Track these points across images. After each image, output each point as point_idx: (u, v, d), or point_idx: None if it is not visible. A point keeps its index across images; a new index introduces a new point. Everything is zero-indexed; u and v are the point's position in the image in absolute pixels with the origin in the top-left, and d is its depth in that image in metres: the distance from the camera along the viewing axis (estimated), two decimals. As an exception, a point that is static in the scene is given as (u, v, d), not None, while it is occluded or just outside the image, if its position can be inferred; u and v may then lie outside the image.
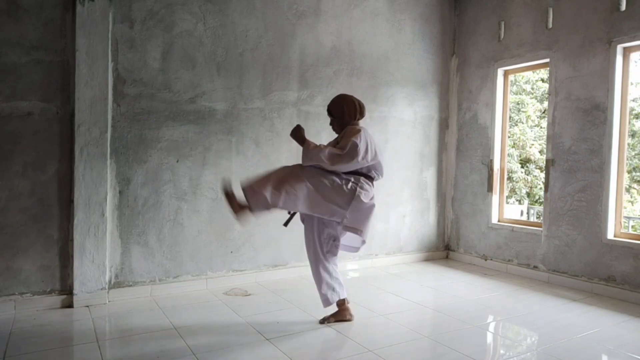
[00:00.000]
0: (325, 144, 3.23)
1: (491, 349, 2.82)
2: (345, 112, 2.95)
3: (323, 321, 3.04)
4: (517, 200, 13.50)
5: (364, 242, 2.98)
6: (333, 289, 3.00)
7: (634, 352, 2.68)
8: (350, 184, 2.82)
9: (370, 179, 2.97)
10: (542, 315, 3.30)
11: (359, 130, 2.86)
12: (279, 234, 4.17)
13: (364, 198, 2.82)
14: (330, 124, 3.07)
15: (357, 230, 2.83)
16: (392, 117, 4.78)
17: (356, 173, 2.89)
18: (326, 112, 3.13)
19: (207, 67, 3.78)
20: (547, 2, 4.24)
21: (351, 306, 3.13)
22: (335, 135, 3.17)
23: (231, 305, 3.40)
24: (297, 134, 2.86)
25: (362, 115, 3.01)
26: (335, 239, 3.02)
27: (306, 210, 2.81)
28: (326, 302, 3.02)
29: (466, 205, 5.06)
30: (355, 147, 2.76)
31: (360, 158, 2.78)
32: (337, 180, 2.80)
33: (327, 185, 2.77)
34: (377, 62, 4.68)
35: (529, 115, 13.86)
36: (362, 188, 2.85)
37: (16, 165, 3.14)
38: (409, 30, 4.89)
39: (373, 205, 2.88)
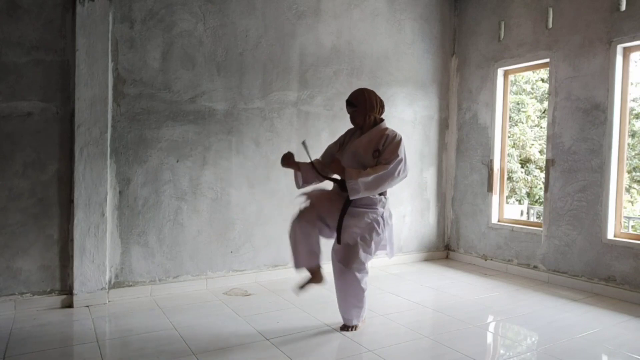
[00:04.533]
0: (326, 144, 3.22)
1: (491, 349, 2.82)
2: (367, 101, 2.85)
3: (302, 287, 2.96)
4: (517, 200, 13.50)
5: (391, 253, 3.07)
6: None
7: (634, 352, 2.68)
8: (372, 215, 2.82)
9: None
10: (542, 315, 3.30)
11: (400, 140, 2.77)
12: (279, 234, 4.17)
13: (390, 220, 2.94)
14: (351, 116, 2.93)
15: (391, 252, 3.05)
16: (392, 117, 4.78)
17: None
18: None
19: (207, 67, 3.78)
20: (547, 2, 4.24)
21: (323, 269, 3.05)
22: (340, 134, 3.15)
23: (231, 305, 3.40)
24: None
25: (383, 109, 2.94)
26: None
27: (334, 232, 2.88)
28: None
29: (466, 205, 5.06)
30: (399, 163, 2.72)
31: (403, 174, 2.77)
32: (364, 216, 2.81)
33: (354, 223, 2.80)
34: (377, 62, 4.68)
35: (529, 115, 13.86)
36: (384, 215, 2.88)
37: (16, 165, 3.14)
38: (409, 30, 4.89)
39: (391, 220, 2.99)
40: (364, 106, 2.85)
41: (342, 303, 2.91)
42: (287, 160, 2.91)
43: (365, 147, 2.81)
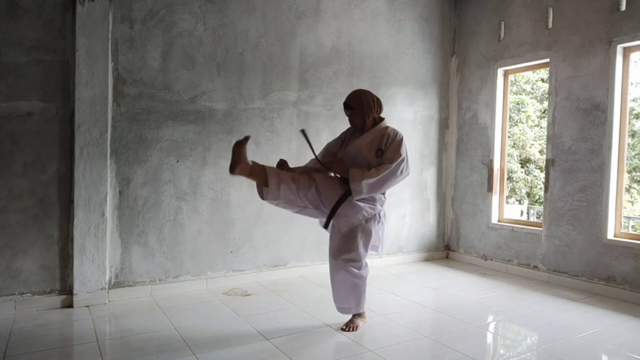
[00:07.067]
0: (326, 143, 3.22)
1: (491, 349, 2.82)
2: (364, 103, 2.86)
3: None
4: (517, 200, 13.50)
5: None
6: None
7: (634, 352, 2.68)
8: (368, 210, 2.85)
9: None
10: (542, 315, 3.30)
11: (402, 139, 2.80)
12: (279, 234, 4.17)
13: (384, 220, 2.96)
14: (350, 119, 2.94)
15: (381, 252, 3.08)
16: (392, 117, 4.78)
17: None
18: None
19: (207, 67, 3.78)
20: (547, 2, 4.24)
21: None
22: (339, 133, 3.16)
23: (231, 305, 3.40)
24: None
25: (381, 108, 2.95)
26: None
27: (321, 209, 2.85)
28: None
29: (466, 205, 5.06)
30: (402, 162, 2.75)
31: (406, 173, 2.79)
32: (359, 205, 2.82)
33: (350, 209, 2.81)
34: (377, 62, 4.68)
35: (529, 115, 13.86)
36: (381, 214, 2.90)
37: (16, 165, 3.14)
38: (409, 30, 4.89)
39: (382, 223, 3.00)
40: (362, 108, 2.86)
41: (337, 294, 2.93)
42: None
43: (368, 147, 2.83)
